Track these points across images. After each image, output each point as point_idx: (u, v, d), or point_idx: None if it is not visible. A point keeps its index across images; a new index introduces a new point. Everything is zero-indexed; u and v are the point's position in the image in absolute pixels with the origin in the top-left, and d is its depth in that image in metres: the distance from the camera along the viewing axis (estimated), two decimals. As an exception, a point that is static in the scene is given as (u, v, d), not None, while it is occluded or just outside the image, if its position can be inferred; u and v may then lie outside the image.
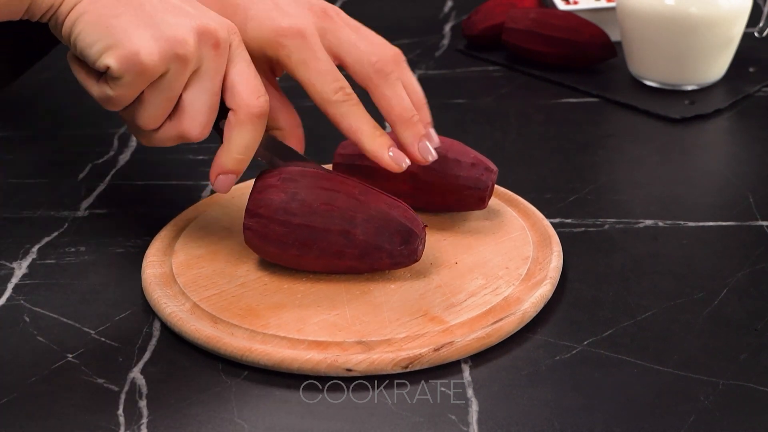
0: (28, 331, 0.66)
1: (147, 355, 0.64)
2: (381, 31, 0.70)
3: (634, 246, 0.74)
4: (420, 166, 0.70)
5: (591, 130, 0.94)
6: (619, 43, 1.03)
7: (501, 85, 1.03)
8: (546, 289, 0.67)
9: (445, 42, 1.15)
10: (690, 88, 0.99)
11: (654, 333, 0.64)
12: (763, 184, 0.82)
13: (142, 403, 0.59)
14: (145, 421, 0.58)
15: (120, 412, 0.59)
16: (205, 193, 0.83)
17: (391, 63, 0.66)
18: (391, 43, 0.69)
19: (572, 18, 1.03)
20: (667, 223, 0.76)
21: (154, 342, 0.65)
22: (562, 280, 0.69)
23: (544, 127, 0.94)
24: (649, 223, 0.77)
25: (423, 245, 0.67)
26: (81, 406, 0.59)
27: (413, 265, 0.69)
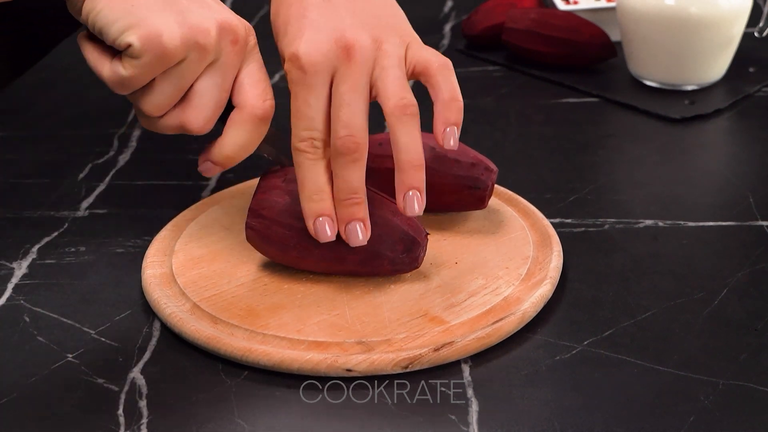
0: (28, 331, 0.66)
1: (147, 355, 0.64)
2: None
3: (634, 246, 0.74)
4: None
5: (591, 130, 0.94)
6: (619, 43, 1.03)
7: (501, 85, 1.03)
8: (546, 289, 0.67)
9: (445, 42, 1.15)
10: (690, 88, 0.98)
11: (654, 333, 0.64)
12: (763, 184, 0.82)
13: (142, 403, 0.59)
14: (145, 421, 0.58)
15: (120, 412, 0.59)
16: (205, 193, 0.83)
17: (398, 110, 0.62)
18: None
19: (572, 18, 1.03)
20: (667, 223, 0.76)
21: (154, 342, 0.65)
22: (562, 280, 0.69)
23: (544, 127, 0.94)
24: (649, 223, 0.77)
25: (424, 252, 0.67)
26: (81, 406, 0.59)
27: (413, 265, 0.69)
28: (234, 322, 0.64)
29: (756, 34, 1.03)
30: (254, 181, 0.80)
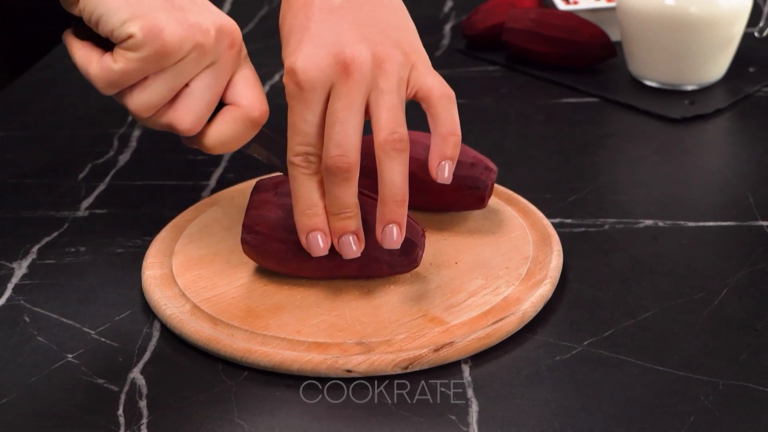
0: (28, 331, 0.66)
1: (147, 355, 0.64)
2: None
3: (634, 246, 0.74)
4: (420, 166, 0.70)
5: (591, 130, 0.94)
6: (619, 43, 1.03)
7: (501, 85, 1.03)
8: (546, 289, 0.67)
9: (445, 42, 1.14)
10: (690, 88, 0.99)
11: (654, 333, 0.64)
12: (763, 184, 0.82)
13: (142, 403, 0.59)
14: (145, 421, 0.58)
15: (120, 412, 0.59)
16: (205, 193, 0.83)
17: (388, 144, 0.61)
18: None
19: (572, 18, 1.03)
20: (667, 223, 0.76)
21: (154, 342, 0.65)
22: (562, 280, 0.69)
23: (544, 127, 0.94)
24: (649, 223, 0.77)
25: (423, 250, 0.67)
26: (81, 406, 0.59)
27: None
28: (234, 323, 0.64)
29: (756, 34, 1.03)
30: (254, 181, 0.80)
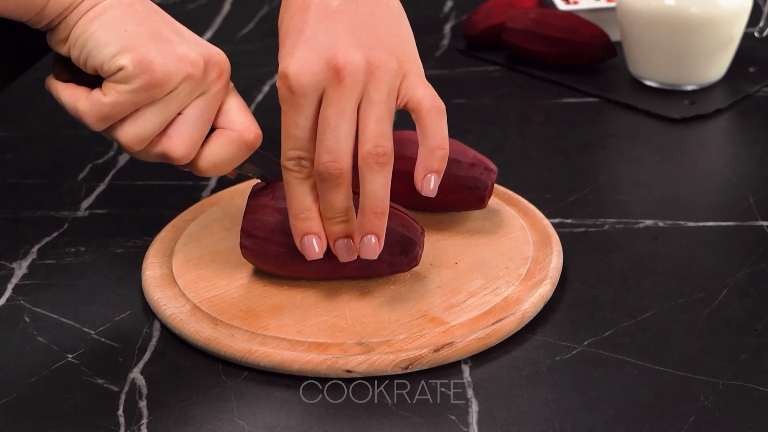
0: (28, 331, 0.66)
1: (147, 356, 0.64)
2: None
3: (634, 246, 0.74)
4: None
5: (591, 130, 0.94)
6: (619, 43, 1.03)
7: (501, 85, 1.03)
8: (546, 289, 0.67)
9: (445, 42, 1.14)
10: (690, 88, 0.98)
11: (654, 333, 0.64)
12: (763, 184, 0.82)
13: (142, 404, 0.59)
14: (145, 421, 0.58)
15: (120, 412, 0.59)
16: (205, 194, 0.83)
17: (371, 158, 0.61)
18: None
19: (572, 18, 1.03)
20: (667, 223, 0.76)
21: (154, 342, 0.65)
22: (562, 280, 0.69)
23: (544, 127, 0.94)
24: (649, 223, 0.77)
25: (422, 249, 0.67)
26: (81, 406, 0.59)
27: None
28: (234, 324, 0.64)
29: (756, 34, 1.03)
30: (254, 181, 0.80)
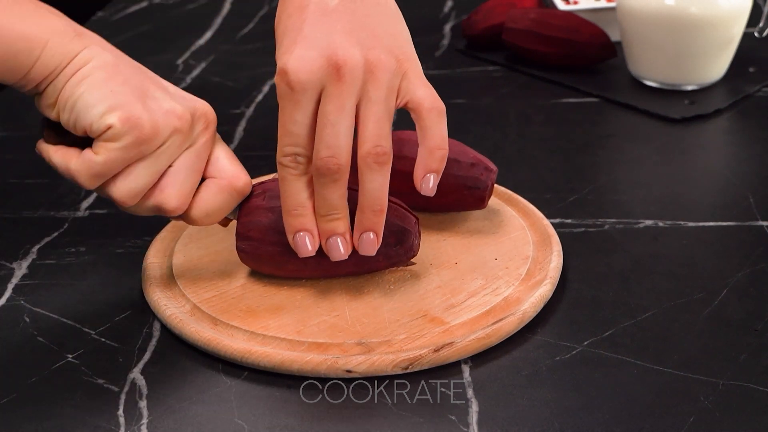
0: (28, 331, 0.66)
1: (147, 356, 0.64)
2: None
3: (634, 246, 0.74)
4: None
5: (591, 130, 0.94)
6: (619, 43, 1.03)
7: (501, 85, 1.03)
8: (546, 289, 0.67)
9: (445, 42, 1.15)
10: (690, 88, 0.99)
11: (654, 333, 0.64)
12: (763, 184, 0.82)
13: (142, 404, 0.59)
14: (145, 421, 0.58)
15: (120, 412, 0.59)
16: (205, 194, 0.83)
17: (370, 157, 0.61)
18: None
19: (572, 18, 1.03)
20: (667, 223, 0.76)
21: (154, 342, 0.65)
22: (562, 280, 0.69)
23: (544, 127, 0.94)
24: (649, 223, 0.77)
25: (418, 238, 0.67)
26: (81, 406, 0.59)
27: (413, 266, 0.69)
28: (234, 324, 0.64)
29: (756, 34, 1.03)
30: (254, 181, 0.80)
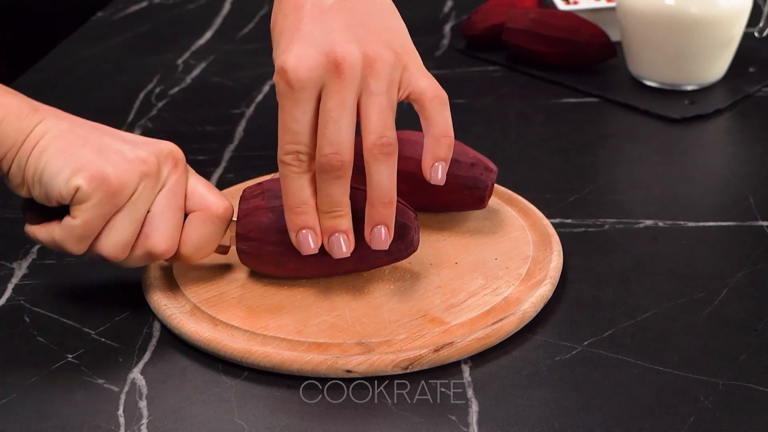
0: (28, 331, 0.66)
1: (147, 356, 0.64)
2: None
3: (634, 246, 0.74)
4: (420, 166, 0.70)
5: (591, 130, 0.94)
6: (619, 43, 1.03)
7: (501, 85, 1.03)
8: (546, 289, 0.67)
9: (445, 42, 1.14)
10: (690, 88, 0.98)
11: (654, 333, 0.64)
12: (763, 184, 0.82)
13: (142, 404, 0.59)
14: (145, 421, 0.58)
15: (120, 412, 0.59)
16: (205, 194, 0.83)
17: (376, 149, 0.61)
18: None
19: (572, 18, 1.03)
20: (667, 223, 0.76)
21: (154, 342, 0.65)
22: (562, 280, 0.69)
23: (544, 127, 0.94)
24: (649, 223, 0.77)
25: (418, 233, 0.67)
26: (81, 406, 0.59)
27: (413, 265, 0.69)
28: (234, 324, 0.64)
29: (756, 34, 1.03)
30: (254, 181, 0.80)
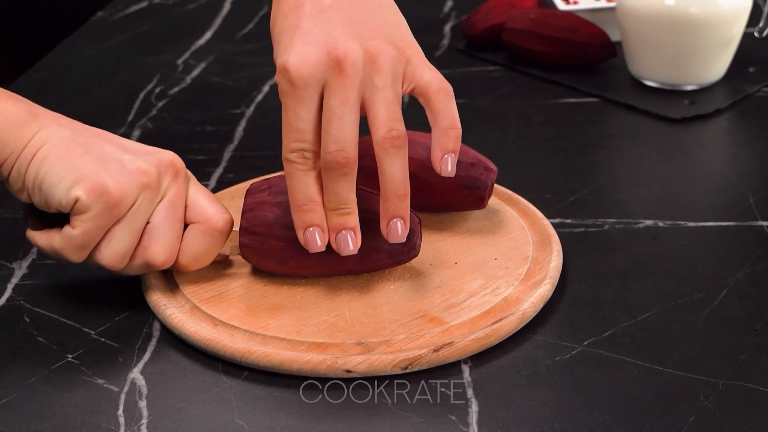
0: (28, 331, 0.66)
1: (147, 356, 0.64)
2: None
3: (634, 246, 0.74)
4: (419, 166, 0.70)
5: (591, 130, 0.94)
6: (619, 43, 1.03)
7: (501, 85, 1.03)
8: (546, 289, 0.67)
9: (445, 42, 1.14)
10: (690, 88, 0.98)
11: (654, 333, 0.64)
12: (763, 184, 0.82)
13: (142, 404, 0.59)
14: (145, 421, 0.58)
15: (120, 412, 0.59)
16: (205, 194, 0.83)
17: (387, 142, 0.61)
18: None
19: (572, 18, 1.03)
20: (667, 223, 0.76)
21: (154, 342, 0.65)
22: (562, 280, 0.69)
23: (544, 127, 0.94)
24: (649, 223, 0.77)
25: (420, 238, 0.67)
26: (81, 406, 0.59)
27: (413, 265, 0.69)
28: (234, 324, 0.64)
29: (756, 34, 1.03)
30: (255, 180, 0.80)
